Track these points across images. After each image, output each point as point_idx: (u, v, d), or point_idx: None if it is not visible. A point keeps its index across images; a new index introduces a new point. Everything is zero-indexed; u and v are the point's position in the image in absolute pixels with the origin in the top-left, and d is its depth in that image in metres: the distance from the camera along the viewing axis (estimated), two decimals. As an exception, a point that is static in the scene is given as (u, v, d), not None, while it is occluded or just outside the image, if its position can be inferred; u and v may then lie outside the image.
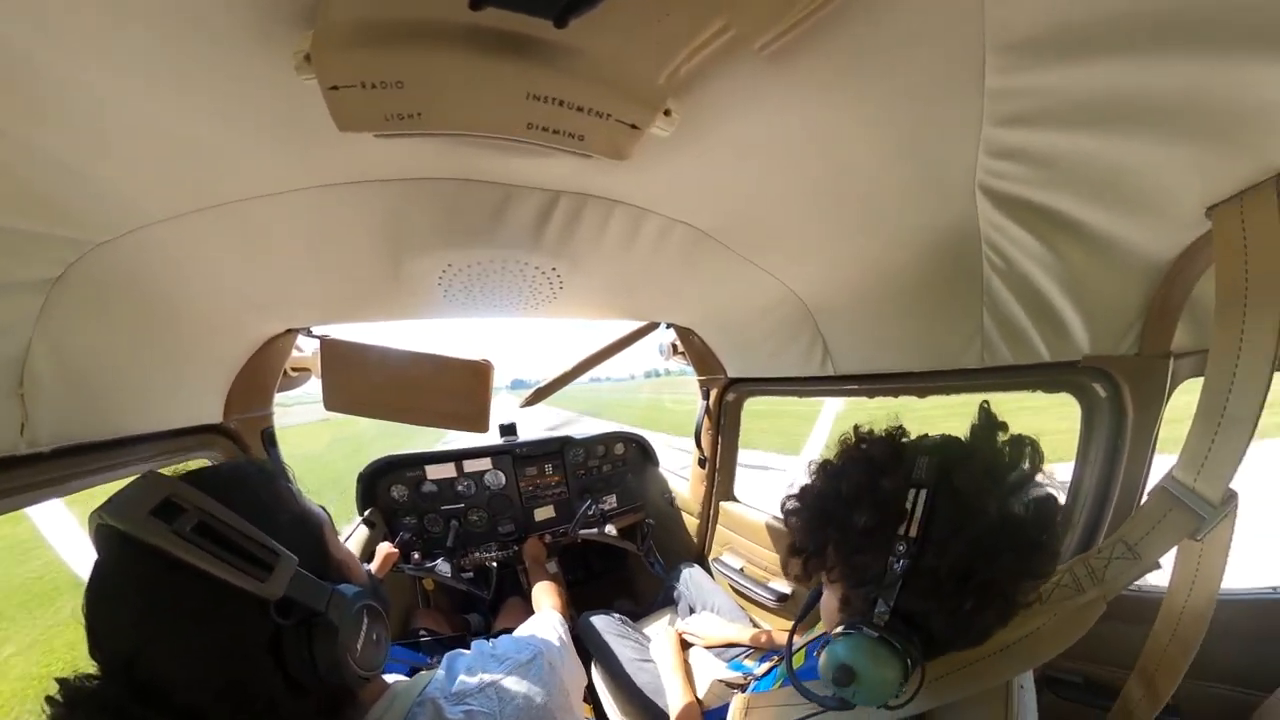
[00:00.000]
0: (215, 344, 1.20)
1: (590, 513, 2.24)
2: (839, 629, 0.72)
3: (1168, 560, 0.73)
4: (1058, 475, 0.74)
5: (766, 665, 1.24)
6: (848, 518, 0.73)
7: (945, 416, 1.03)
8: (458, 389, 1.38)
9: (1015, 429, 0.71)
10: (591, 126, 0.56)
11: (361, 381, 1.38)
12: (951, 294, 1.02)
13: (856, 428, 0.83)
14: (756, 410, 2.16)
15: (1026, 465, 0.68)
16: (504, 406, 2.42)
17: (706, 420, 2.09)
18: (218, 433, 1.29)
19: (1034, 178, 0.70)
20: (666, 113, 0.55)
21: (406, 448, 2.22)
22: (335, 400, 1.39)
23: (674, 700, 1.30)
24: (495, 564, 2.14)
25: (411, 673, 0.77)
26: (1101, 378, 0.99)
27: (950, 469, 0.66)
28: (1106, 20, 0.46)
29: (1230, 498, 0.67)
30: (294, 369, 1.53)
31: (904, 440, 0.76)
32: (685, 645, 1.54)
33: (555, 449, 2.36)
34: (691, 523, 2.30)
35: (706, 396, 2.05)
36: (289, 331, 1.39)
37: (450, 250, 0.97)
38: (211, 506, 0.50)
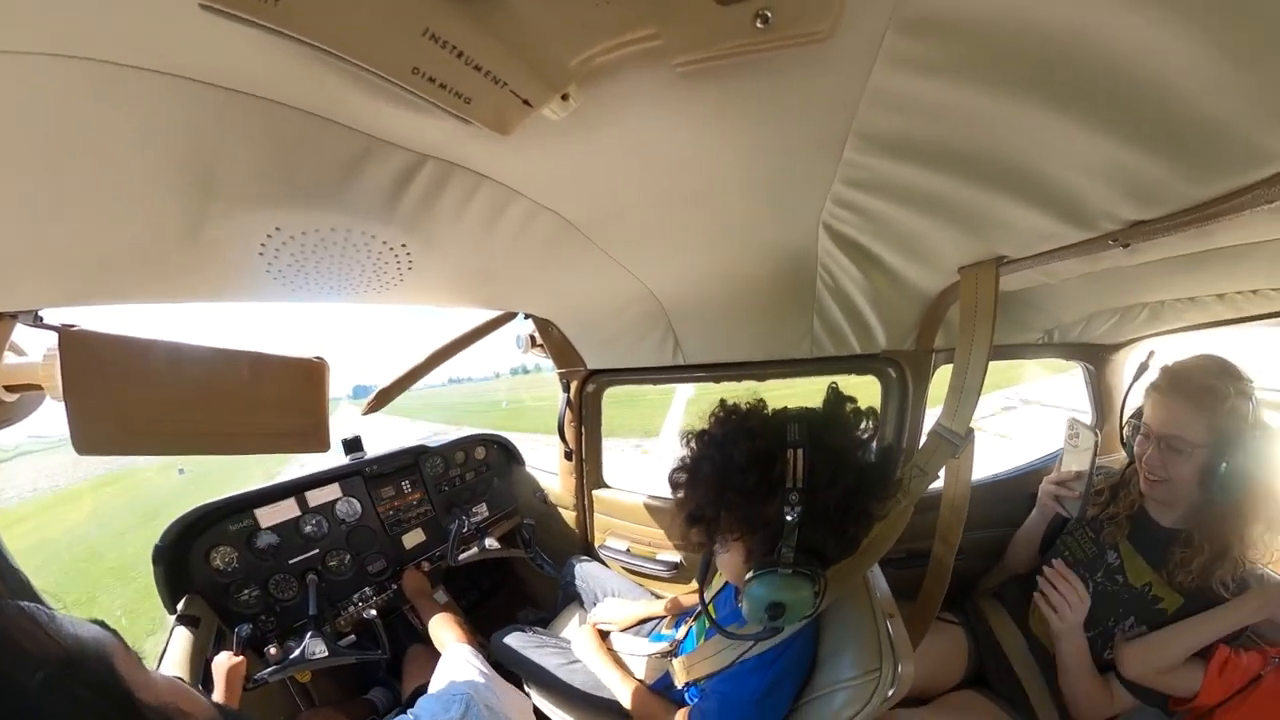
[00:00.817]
0: None
1: (464, 530, 2.00)
2: (751, 575, 0.85)
3: (942, 472, 1.15)
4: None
5: (683, 628, 1.33)
6: (742, 482, 0.85)
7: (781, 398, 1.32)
8: (287, 398, 1.03)
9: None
10: (482, 90, 0.51)
11: (138, 399, 0.86)
12: (789, 301, 1.31)
13: (723, 402, 0.96)
14: (615, 399, 2.22)
15: (870, 425, 0.90)
16: (345, 418, 2.00)
17: (569, 413, 2.10)
18: None
19: (863, 226, 0.96)
20: (565, 97, 0.54)
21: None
22: (93, 433, 0.82)
23: (618, 690, 1.30)
24: (377, 614, 1.68)
25: None
26: (893, 364, 1.48)
27: (817, 431, 0.84)
28: (931, 144, 0.69)
29: (970, 433, 1.08)
30: (8, 387, 0.90)
31: (768, 411, 0.92)
32: (603, 635, 1.54)
33: (409, 462, 2.07)
34: (570, 516, 2.30)
35: (567, 389, 2.06)
36: (-3, 318, 0.84)
37: (282, 209, 0.75)
38: None
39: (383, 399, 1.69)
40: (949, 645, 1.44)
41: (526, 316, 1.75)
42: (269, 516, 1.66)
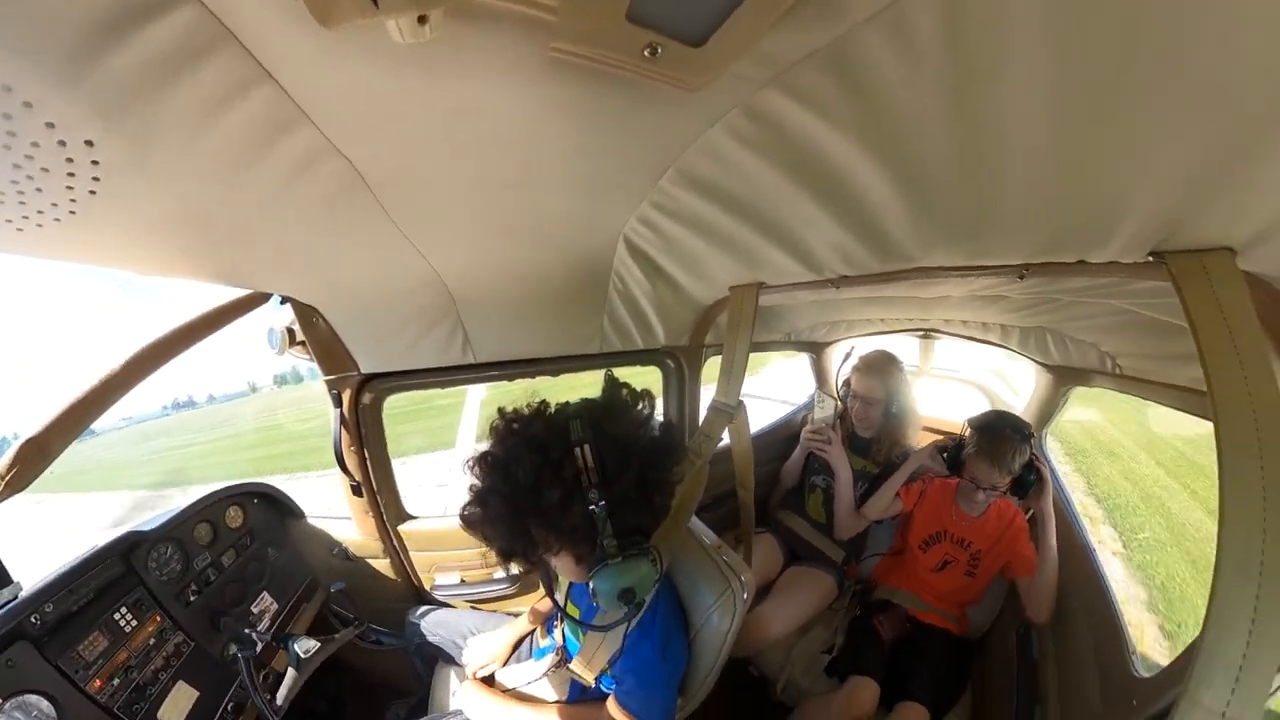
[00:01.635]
0: None
1: (255, 650, 1.26)
2: (589, 574, 0.86)
3: (726, 434, 1.39)
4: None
5: (557, 632, 1.28)
6: (537, 501, 0.83)
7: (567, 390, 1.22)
8: None
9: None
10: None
11: None
12: (583, 300, 1.38)
13: (501, 412, 0.93)
14: (395, 412, 1.77)
15: (647, 403, 0.96)
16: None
17: (344, 434, 1.62)
18: None
19: (658, 244, 1.12)
20: (423, 20, 0.42)
21: None
22: None
23: None
24: None
25: None
26: (671, 358, 1.75)
27: (599, 422, 0.86)
28: (728, 194, 0.87)
29: (741, 404, 1.35)
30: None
31: (550, 412, 0.92)
32: (489, 681, 1.35)
33: (117, 573, 1.26)
34: (383, 565, 1.86)
35: (339, 402, 1.58)
36: None
37: None
38: None
39: (32, 463, 0.90)
40: (767, 548, 2.04)
41: (284, 301, 1.33)
42: None
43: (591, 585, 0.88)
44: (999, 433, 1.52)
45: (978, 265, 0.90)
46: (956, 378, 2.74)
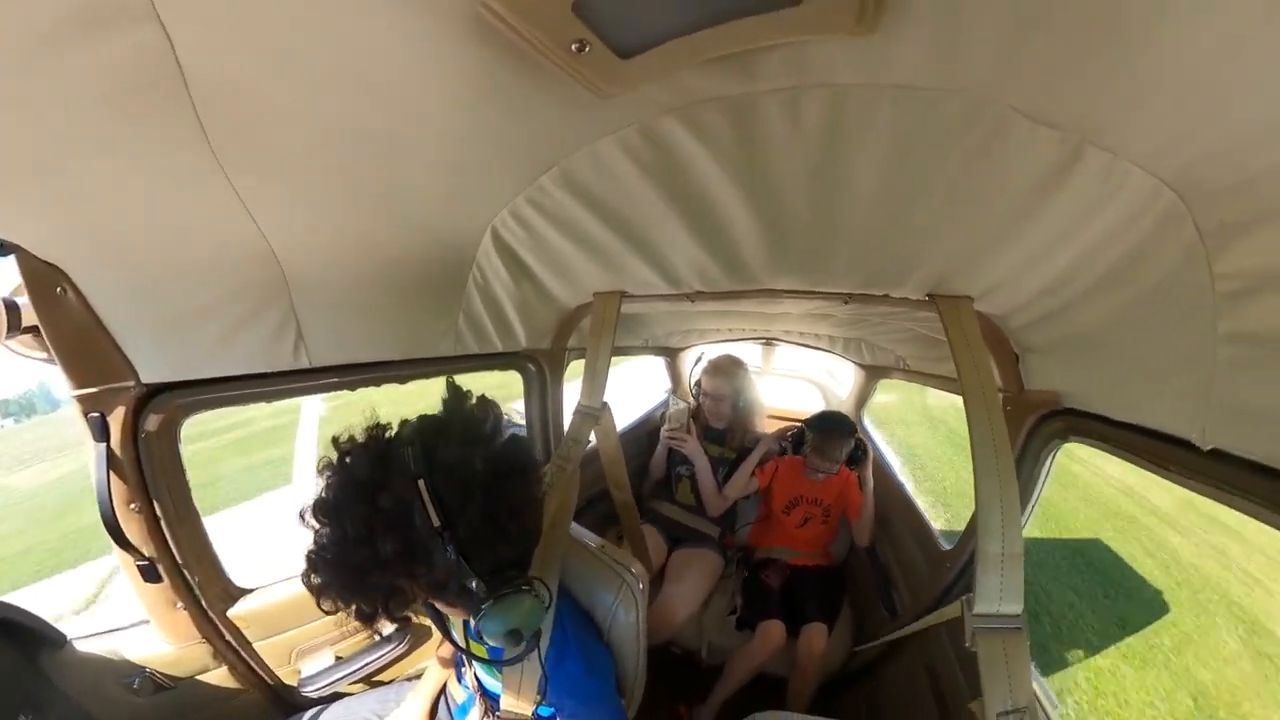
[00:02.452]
0: None
1: None
2: (471, 622, 0.77)
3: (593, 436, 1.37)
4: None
5: (469, 679, 1.13)
6: (378, 556, 0.68)
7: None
8: None
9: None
10: None
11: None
12: (437, 294, 1.22)
13: (335, 441, 0.75)
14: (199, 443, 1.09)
15: (492, 417, 0.83)
16: None
17: (116, 484, 0.98)
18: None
19: (526, 241, 1.08)
20: None
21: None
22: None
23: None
24: None
25: None
26: (533, 361, 1.66)
27: (433, 449, 0.72)
28: (604, 203, 0.90)
29: (605, 405, 1.34)
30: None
31: (386, 438, 0.76)
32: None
33: None
34: (218, 677, 1.20)
35: (103, 434, 0.94)
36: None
37: None
38: None
39: None
40: (650, 538, 2.12)
41: (7, 252, 0.77)
42: None
43: (477, 629, 0.77)
44: (830, 433, 1.94)
45: (814, 291, 1.14)
46: (795, 375, 3.31)
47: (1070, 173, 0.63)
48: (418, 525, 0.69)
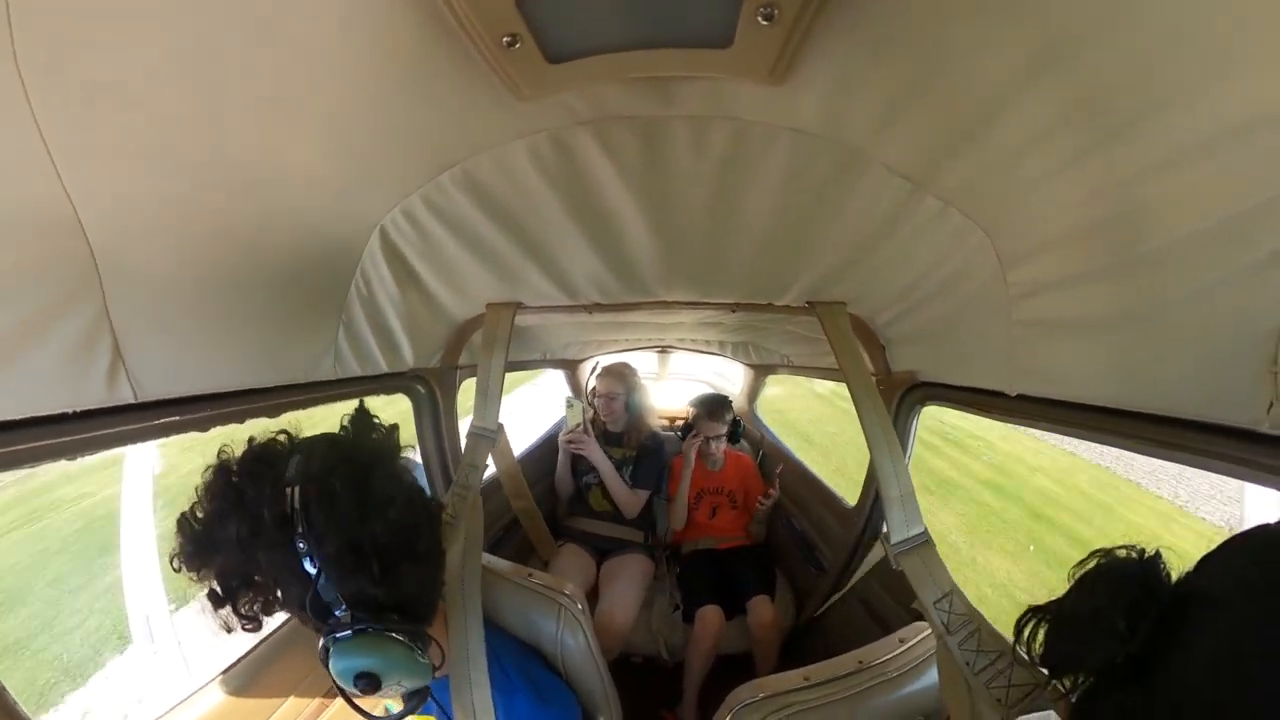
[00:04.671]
0: None
1: None
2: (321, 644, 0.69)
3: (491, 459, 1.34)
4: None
5: None
6: (228, 534, 0.65)
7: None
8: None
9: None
10: None
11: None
12: (315, 305, 1.02)
13: (220, 453, 0.71)
14: None
15: (393, 449, 0.77)
16: None
17: None
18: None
19: (416, 243, 0.99)
20: None
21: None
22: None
23: None
24: None
25: None
26: (422, 382, 1.51)
27: (312, 458, 0.68)
28: (504, 211, 0.88)
29: (500, 426, 1.29)
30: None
31: (269, 440, 0.72)
32: None
33: None
34: None
35: None
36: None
37: None
38: None
39: None
40: (576, 556, 2.12)
41: None
42: None
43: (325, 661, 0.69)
44: (711, 402, 2.21)
45: (705, 302, 1.23)
46: (690, 378, 3.56)
47: (914, 211, 0.80)
48: (268, 517, 0.65)
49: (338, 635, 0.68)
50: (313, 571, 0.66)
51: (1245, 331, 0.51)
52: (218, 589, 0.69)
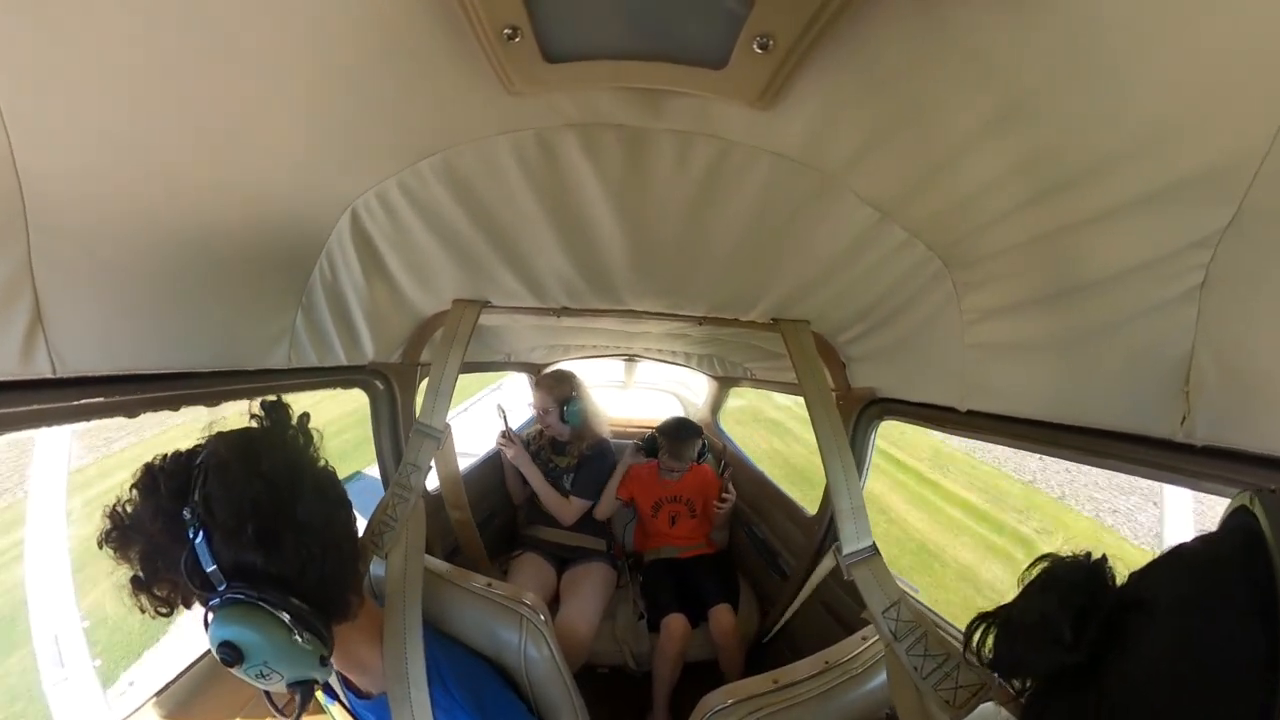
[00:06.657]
0: None
1: None
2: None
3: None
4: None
5: None
6: (140, 510, 0.68)
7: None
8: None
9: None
10: None
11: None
12: (274, 284, 0.96)
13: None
14: None
15: (311, 448, 0.78)
16: None
17: None
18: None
19: (387, 231, 0.94)
20: None
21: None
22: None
23: None
24: None
25: None
26: (381, 378, 1.47)
27: (223, 443, 0.70)
28: (482, 206, 0.87)
29: (447, 426, 1.24)
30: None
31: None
32: None
33: None
34: None
35: None
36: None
37: None
38: None
39: None
40: (536, 566, 2.10)
41: None
42: None
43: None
44: (679, 437, 2.15)
45: (673, 313, 1.26)
46: (655, 388, 3.56)
47: (880, 239, 0.85)
48: (164, 489, 0.68)
49: (211, 602, 0.67)
50: (194, 537, 0.66)
51: (1162, 356, 0.59)
52: (141, 574, 0.69)
